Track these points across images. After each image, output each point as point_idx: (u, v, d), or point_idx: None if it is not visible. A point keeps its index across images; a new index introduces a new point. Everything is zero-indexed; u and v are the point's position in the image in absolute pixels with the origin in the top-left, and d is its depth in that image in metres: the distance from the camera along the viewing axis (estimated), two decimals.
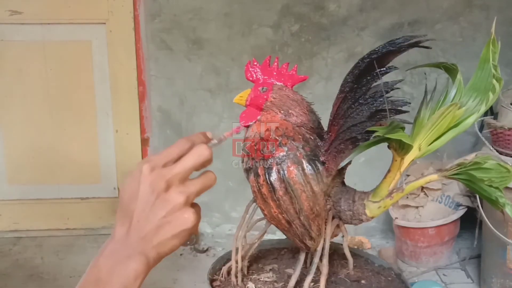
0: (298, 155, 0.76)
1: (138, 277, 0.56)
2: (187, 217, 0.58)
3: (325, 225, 0.79)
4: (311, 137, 0.78)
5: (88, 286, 0.56)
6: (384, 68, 0.70)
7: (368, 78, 0.71)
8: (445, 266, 2.23)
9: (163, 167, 0.59)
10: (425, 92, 0.68)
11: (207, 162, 0.60)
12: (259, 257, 0.95)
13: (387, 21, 2.32)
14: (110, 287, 0.55)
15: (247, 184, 0.80)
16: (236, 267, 0.86)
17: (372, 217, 0.75)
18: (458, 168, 0.65)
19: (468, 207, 2.19)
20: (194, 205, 0.60)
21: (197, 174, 0.62)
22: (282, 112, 0.79)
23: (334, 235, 0.81)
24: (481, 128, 2.11)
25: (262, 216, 0.82)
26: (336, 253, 0.92)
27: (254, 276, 0.89)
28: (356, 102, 0.72)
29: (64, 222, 2.55)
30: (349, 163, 0.74)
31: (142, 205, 0.58)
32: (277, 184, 0.75)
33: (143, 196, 0.58)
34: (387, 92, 0.68)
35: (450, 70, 0.67)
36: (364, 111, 0.70)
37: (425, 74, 2.24)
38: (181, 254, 2.33)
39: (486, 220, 1.84)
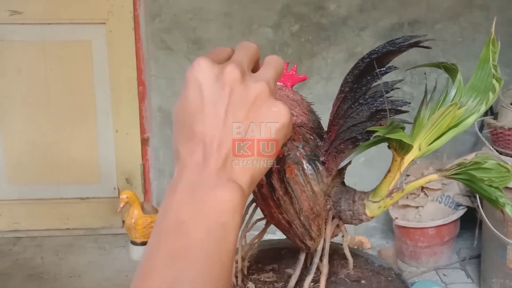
0: (298, 155, 0.76)
1: (236, 210, 0.40)
2: (278, 110, 0.42)
3: (325, 225, 0.79)
4: (311, 137, 0.78)
5: (167, 234, 0.38)
6: (384, 68, 0.70)
7: (368, 78, 0.71)
8: (445, 266, 2.23)
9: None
10: (425, 92, 0.68)
11: (258, 54, 0.47)
12: (259, 257, 0.95)
13: (387, 21, 2.32)
14: (202, 230, 0.38)
15: None
16: (236, 267, 0.86)
17: (372, 217, 0.75)
18: (458, 168, 0.65)
19: (468, 207, 2.19)
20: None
21: None
22: None
23: (334, 235, 0.81)
24: (481, 128, 2.11)
25: (262, 216, 0.82)
26: (336, 253, 0.92)
27: (254, 276, 0.89)
28: (356, 102, 0.72)
29: (64, 222, 2.55)
30: (349, 163, 0.74)
31: (214, 110, 0.41)
32: (277, 184, 0.75)
33: (211, 96, 0.41)
34: (387, 92, 0.68)
35: (450, 70, 0.67)
36: (364, 111, 0.70)
37: (425, 74, 2.24)
38: None
39: (486, 220, 1.84)
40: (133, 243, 2.31)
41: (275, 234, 1.06)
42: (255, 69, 0.46)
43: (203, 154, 0.41)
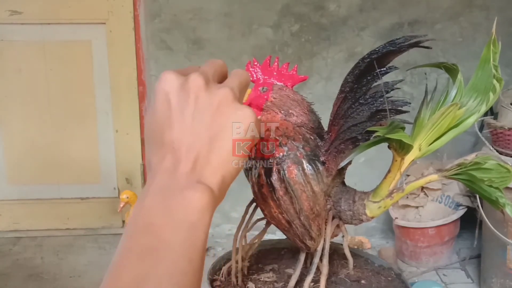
0: (298, 155, 0.76)
1: (204, 209, 0.40)
2: (244, 112, 0.44)
3: (325, 225, 0.79)
4: (311, 137, 0.78)
5: (139, 235, 0.39)
6: (384, 68, 0.70)
7: (368, 78, 0.71)
8: (445, 266, 2.23)
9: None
10: (425, 92, 0.68)
11: (224, 68, 0.49)
12: (259, 257, 0.95)
13: (387, 21, 2.32)
14: (170, 230, 0.39)
15: (247, 184, 0.80)
16: (236, 267, 0.86)
17: (372, 217, 0.75)
18: (458, 168, 0.65)
19: (468, 207, 2.19)
20: None
21: None
22: (282, 112, 0.79)
23: (334, 235, 0.81)
24: (481, 128, 2.11)
25: (262, 216, 0.82)
26: (336, 253, 0.92)
27: (254, 276, 0.89)
28: (356, 102, 0.72)
29: (64, 222, 2.55)
30: (349, 163, 0.74)
31: (180, 117, 0.43)
32: (277, 184, 0.75)
33: (177, 104, 0.43)
34: (387, 92, 0.68)
35: (451, 70, 0.67)
36: (364, 111, 0.70)
37: (425, 74, 2.24)
38: None
39: (486, 220, 1.84)
40: None
41: (275, 234, 1.06)
42: (221, 82, 0.48)
43: (173, 160, 0.42)
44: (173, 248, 0.39)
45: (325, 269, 0.78)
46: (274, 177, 0.76)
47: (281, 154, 0.76)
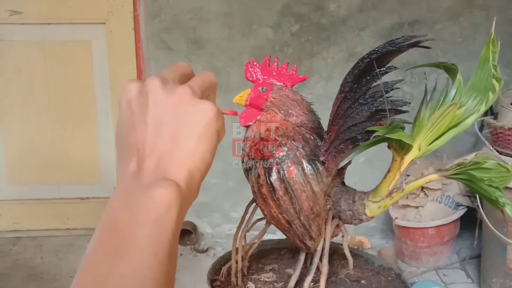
0: (298, 155, 0.76)
1: (170, 205, 0.40)
2: (204, 106, 0.44)
3: (325, 225, 0.79)
4: (311, 137, 0.78)
5: (104, 235, 0.40)
6: (384, 68, 0.70)
7: (368, 78, 0.71)
8: (445, 266, 2.23)
9: None
10: (425, 92, 0.68)
11: (187, 69, 0.50)
12: (259, 257, 0.95)
13: (387, 21, 2.32)
14: (134, 226, 0.39)
15: (247, 184, 0.80)
16: (236, 267, 0.86)
17: (372, 217, 0.75)
18: (458, 168, 0.65)
19: (468, 207, 2.19)
20: None
21: None
22: (282, 112, 0.79)
23: (334, 235, 0.81)
24: (481, 128, 2.11)
25: (262, 216, 0.82)
26: (336, 253, 0.92)
27: (254, 276, 0.89)
28: (356, 102, 0.72)
29: (64, 222, 2.55)
30: (349, 163, 0.74)
31: (142, 119, 0.43)
32: (277, 184, 0.75)
33: (138, 107, 0.43)
34: (387, 92, 0.68)
35: (450, 70, 0.67)
36: (364, 111, 0.70)
37: (425, 74, 2.24)
38: (181, 254, 2.33)
39: (486, 220, 1.84)
40: None
41: (275, 234, 1.06)
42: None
43: (137, 161, 0.42)
44: (137, 244, 0.39)
45: (325, 269, 0.78)
46: (274, 177, 0.76)
47: (281, 154, 0.76)
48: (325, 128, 0.80)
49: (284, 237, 0.85)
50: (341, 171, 0.77)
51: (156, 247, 0.39)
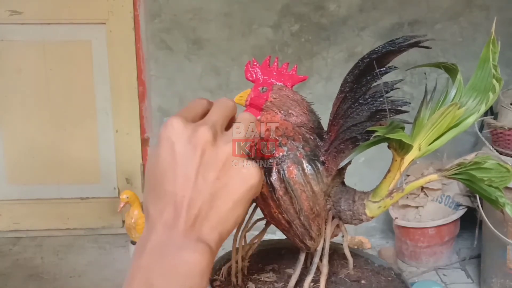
0: (298, 155, 0.76)
1: (203, 272, 0.40)
2: (248, 173, 0.43)
3: (325, 225, 0.79)
4: (311, 137, 0.78)
5: None
6: (384, 68, 0.70)
7: (368, 78, 0.71)
8: (445, 266, 2.23)
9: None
10: (425, 92, 0.68)
11: (234, 112, 0.49)
12: (259, 257, 0.95)
13: (387, 21, 2.32)
14: None
15: None
16: (236, 267, 0.86)
17: (372, 217, 0.75)
18: (458, 168, 0.65)
19: (468, 207, 2.19)
20: None
21: None
22: (282, 112, 0.79)
23: (334, 235, 0.81)
24: (481, 128, 2.11)
25: (262, 216, 0.82)
26: (336, 253, 0.92)
27: (254, 276, 0.89)
28: (356, 102, 0.72)
29: (64, 222, 2.55)
30: (349, 163, 0.74)
31: (184, 171, 0.42)
32: (277, 184, 0.75)
33: (183, 157, 0.42)
34: (387, 92, 0.68)
35: (450, 70, 0.67)
36: (364, 111, 0.70)
37: (425, 74, 2.24)
38: None
39: (486, 220, 1.84)
40: (133, 243, 2.31)
41: (275, 234, 1.06)
42: (229, 124, 0.48)
43: (173, 214, 0.41)
44: None
45: (325, 269, 0.78)
46: (274, 177, 0.76)
47: (281, 154, 0.76)
48: (325, 128, 0.80)
49: (284, 237, 0.85)
50: (341, 171, 0.77)
51: None
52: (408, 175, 2.13)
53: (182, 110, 0.46)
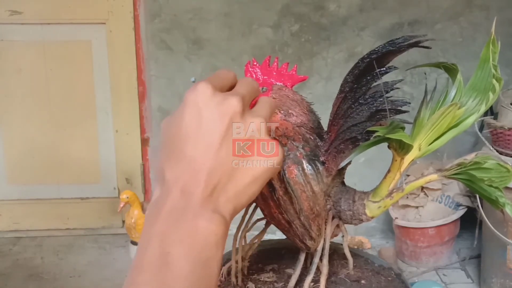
0: (298, 155, 0.76)
1: (219, 244, 0.39)
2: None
3: (325, 225, 0.79)
4: (311, 137, 0.78)
5: (150, 266, 0.37)
6: (384, 68, 0.70)
7: (368, 78, 0.71)
8: (445, 266, 2.23)
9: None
10: (425, 92, 0.68)
11: (258, 93, 0.48)
12: (259, 257, 0.95)
13: (387, 21, 2.32)
14: (186, 264, 0.37)
15: None
16: (236, 267, 0.86)
17: (372, 217, 0.75)
18: (458, 168, 0.65)
19: (468, 207, 2.19)
20: None
21: None
22: (282, 112, 0.79)
23: (334, 235, 0.81)
24: (481, 128, 2.11)
25: (262, 216, 0.82)
26: (336, 253, 0.92)
27: (254, 276, 0.89)
28: (356, 102, 0.72)
29: (64, 222, 2.55)
30: (349, 163, 0.74)
31: (208, 138, 0.40)
32: (277, 184, 0.75)
33: (210, 123, 0.40)
34: (387, 92, 0.68)
35: (450, 70, 0.67)
36: (364, 111, 0.70)
37: (425, 74, 2.24)
38: None
39: (486, 220, 1.84)
40: (133, 243, 2.31)
41: (275, 234, 1.06)
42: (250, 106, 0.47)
43: (191, 181, 0.40)
44: (189, 286, 0.37)
45: (325, 269, 0.78)
46: (274, 177, 0.75)
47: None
48: (325, 128, 0.80)
49: (284, 237, 0.85)
50: (341, 171, 0.77)
51: None
52: (408, 175, 2.13)
53: (210, 77, 0.45)
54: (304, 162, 0.75)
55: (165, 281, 0.37)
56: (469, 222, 2.22)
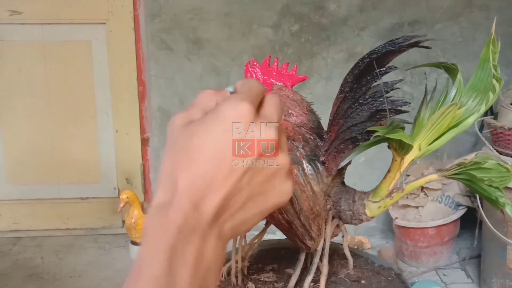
0: (298, 155, 0.76)
1: (218, 270, 0.40)
2: (288, 189, 0.42)
3: (325, 225, 0.79)
4: (311, 137, 0.78)
5: (156, 284, 0.36)
6: (384, 68, 0.70)
7: (368, 78, 0.71)
8: (445, 266, 2.23)
9: None
10: (425, 92, 0.68)
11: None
12: (259, 257, 0.95)
13: (387, 21, 2.32)
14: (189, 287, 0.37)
15: None
16: (236, 267, 0.86)
17: (372, 217, 0.75)
18: (458, 168, 0.65)
19: (468, 207, 2.19)
20: None
21: None
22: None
23: (334, 235, 0.81)
24: (481, 128, 2.11)
25: None
26: (336, 253, 0.92)
27: (254, 276, 0.89)
28: (356, 102, 0.72)
29: (64, 222, 2.55)
30: (349, 163, 0.74)
31: (239, 154, 0.39)
32: None
33: (241, 144, 0.39)
34: (387, 92, 0.68)
35: (450, 70, 0.67)
36: (364, 111, 0.70)
37: (425, 74, 2.24)
38: None
39: (486, 220, 1.84)
40: (133, 243, 2.31)
41: (275, 234, 1.06)
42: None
43: (204, 198, 0.39)
44: None
45: (325, 269, 0.78)
46: None
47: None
48: (325, 128, 0.80)
49: (284, 237, 0.85)
50: (341, 171, 0.77)
51: None
52: (408, 175, 2.13)
53: (247, 92, 0.42)
54: (304, 162, 0.75)
55: None
56: (469, 222, 2.22)
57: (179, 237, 0.37)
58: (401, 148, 0.66)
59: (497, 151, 1.90)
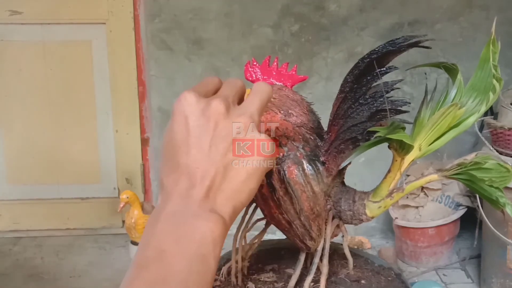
0: (298, 155, 0.76)
1: (216, 242, 0.41)
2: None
3: (325, 225, 0.79)
4: (311, 137, 0.78)
5: (148, 263, 0.39)
6: (384, 68, 0.70)
7: (368, 78, 0.71)
8: (445, 266, 2.23)
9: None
10: (425, 92, 0.68)
11: (243, 90, 0.50)
12: (259, 257, 0.95)
13: (387, 21, 2.32)
14: (182, 260, 0.39)
15: None
16: (236, 267, 0.86)
17: (372, 217, 0.75)
18: (458, 168, 0.65)
19: (468, 207, 2.19)
20: None
21: None
22: (282, 112, 0.79)
23: (334, 235, 0.81)
24: (481, 128, 2.11)
25: (262, 216, 0.82)
26: (336, 253, 0.92)
27: (254, 276, 0.89)
28: (356, 102, 0.72)
29: (64, 222, 2.55)
30: (349, 163, 0.74)
31: (198, 143, 0.42)
32: (277, 185, 0.75)
33: (197, 129, 0.43)
34: (387, 92, 0.68)
35: (450, 70, 0.67)
36: (364, 111, 0.70)
37: (425, 74, 2.24)
38: None
39: (486, 220, 1.84)
40: (133, 243, 2.31)
41: (275, 234, 1.06)
42: (240, 102, 0.48)
43: (187, 184, 0.42)
44: (184, 281, 0.38)
45: (325, 269, 0.78)
46: (274, 178, 0.75)
47: (281, 154, 0.76)
48: (325, 128, 0.79)
49: (284, 237, 0.85)
50: (341, 171, 0.77)
51: (201, 285, 0.39)
52: (408, 175, 2.13)
53: (195, 86, 0.46)
54: (304, 162, 0.75)
55: (160, 275, 0.38)
56: (469, 222, 2.22)
57: (169, 223, 0.41)
58: (401, 148, 0.66)
59: (497, 151, 1.90)
